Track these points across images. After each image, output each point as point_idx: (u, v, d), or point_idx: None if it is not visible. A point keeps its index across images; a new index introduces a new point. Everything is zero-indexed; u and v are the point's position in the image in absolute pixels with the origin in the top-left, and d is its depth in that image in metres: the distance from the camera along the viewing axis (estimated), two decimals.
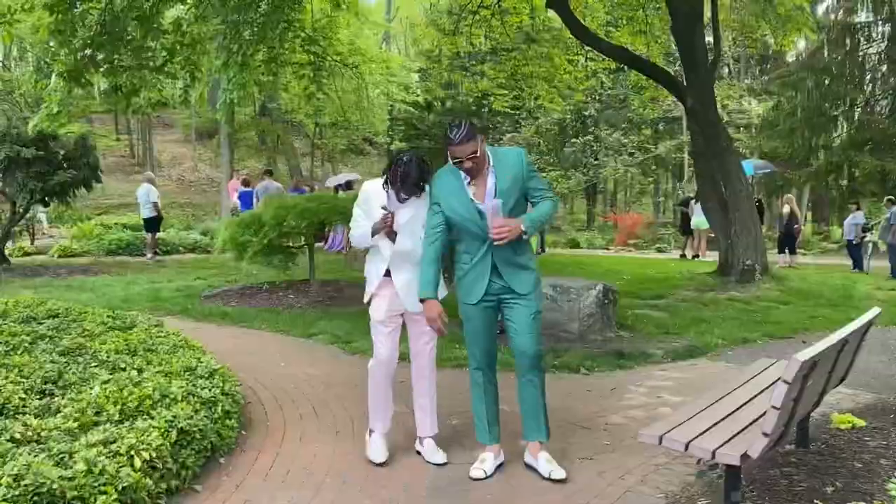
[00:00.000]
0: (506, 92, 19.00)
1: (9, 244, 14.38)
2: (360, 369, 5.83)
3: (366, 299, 3.95)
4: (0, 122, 12.64)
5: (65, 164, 12.32)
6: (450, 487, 3.59)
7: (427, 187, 3.77)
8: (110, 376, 4.02)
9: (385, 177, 3.78)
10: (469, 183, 3.60)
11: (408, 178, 3.68)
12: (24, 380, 3.84)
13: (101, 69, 8.93)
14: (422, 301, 3.60)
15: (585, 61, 19.21)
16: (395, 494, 3.49)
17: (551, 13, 13.61)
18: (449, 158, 3.57)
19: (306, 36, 12.43)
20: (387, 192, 3.75)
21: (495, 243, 3.45)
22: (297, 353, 6.52)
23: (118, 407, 3.58)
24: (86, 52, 8.74)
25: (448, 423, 4.53)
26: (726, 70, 30.27)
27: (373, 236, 3.86)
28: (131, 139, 35.74)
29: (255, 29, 9.76)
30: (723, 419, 3.31)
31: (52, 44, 8.53)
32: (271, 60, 10.80)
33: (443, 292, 3.81)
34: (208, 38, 10.42)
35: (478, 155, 3.51)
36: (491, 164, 3.61)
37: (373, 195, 3.90)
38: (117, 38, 8.98)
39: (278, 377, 5.62)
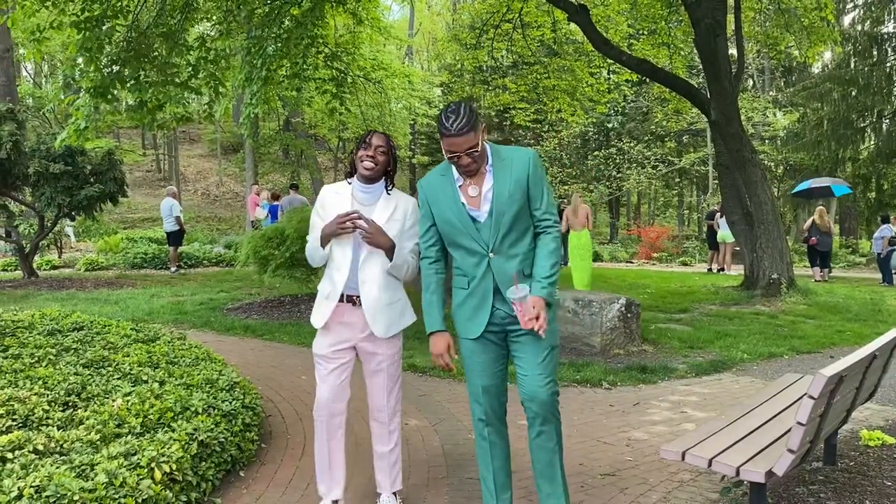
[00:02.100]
0: (527, 105, 19.03)
1: (37, 257, 14.61)
2: None
3: (319, 324, 3.33)
4: (30, 138, 12.87)
5: (92, 179, 12.51)
6: None
7: (391, 180, 3.27)
8: (132, 388, 4.04)
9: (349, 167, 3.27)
10: (461, 186, 2.99)
11: (370, 140, 3.17)
12: (48, 392, 3.87)
13: (128, 85, 9.07)
14: (430, 335, 3.07)
15: (608, 74, 19.22)
16: None
17: (573, 26, 13.62)
18: (444, 153, 2.95)
19: (329, 51, 12.54)
20: (350, 189, 3.25)
21: (534, 329, 2.81)
22: None
23: (139, 419, 3.60)
24: (112, 68, 8.88)
25: (468, 438, 4.50)
26: (750, 82, 30.07)
27: (324, 245, 3.22)
28: (157, 154, 36.26)
29: (279, 44, 9.87)
30: (747, 435, 3.25)
31: (79, 61, 8.67)
32: (294, 76, 10.90)
33: (410, 318, 3.38)
34: (232, 54, 10.56)
35: (478, 149, 2.86)
36: (490, 162, 2.96)
37: (330, 196, 3.28)
38: (143, 55, 9.13)
39: (299, 390, 5.63)
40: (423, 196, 3.08)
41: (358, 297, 3.22)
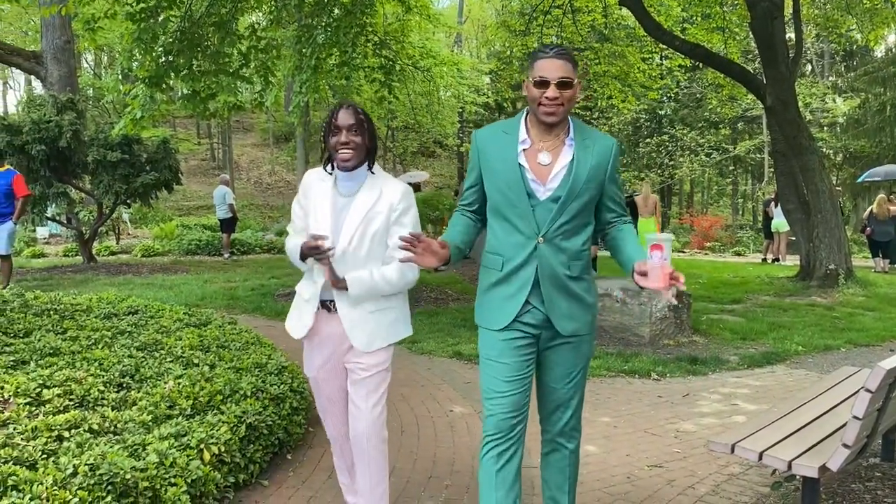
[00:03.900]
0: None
1: (96, 243, 15.06)
2: (425, 369, 5.87)
3: (298, 335, 2.90)
4: (89, 127, 13.23)
5: (147, 167, 12.81)
6: None
7: (371, 161, 2.76)
8: (184, 371, 4.13)
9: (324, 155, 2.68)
10: (527, 150, 2.49)
11: (338, 121, 2.64)
12: (103, 373, 3.98)
13: (181, 74, 9.24)
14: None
15: (660, 59, 18.85)
16: (457, 494, 3.47)
17: (625, 11, 13.39)
18: (527, 84, 2.44)
19: (378, 40, 12.58)
20: (333, 179, 2.77)
21: (664, 293, 2.40)
22: None
23: (190, 401, 3.68)
24: (167, 58, 9.06)
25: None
26: (808, 67, 29.18)
27: (303, 259, 2.72)
28: (212, 143, 36.93)
29: (329, 33, 9.93)
30: (800, 429, 3.16)
31: (135, 51, 8.87)
32: (343, 64, 10.96)
33: (404, 331, 2.88)
34: (282, 44, 10.68)
35: (570, 87, 2.41)
36: (571, 135, 2.51)
37: (315, 184, 2.82)
38: (196, 44, 9.29)
39: None
40: (475, 148, 2.60)
41: (331, 301, 2.77)
